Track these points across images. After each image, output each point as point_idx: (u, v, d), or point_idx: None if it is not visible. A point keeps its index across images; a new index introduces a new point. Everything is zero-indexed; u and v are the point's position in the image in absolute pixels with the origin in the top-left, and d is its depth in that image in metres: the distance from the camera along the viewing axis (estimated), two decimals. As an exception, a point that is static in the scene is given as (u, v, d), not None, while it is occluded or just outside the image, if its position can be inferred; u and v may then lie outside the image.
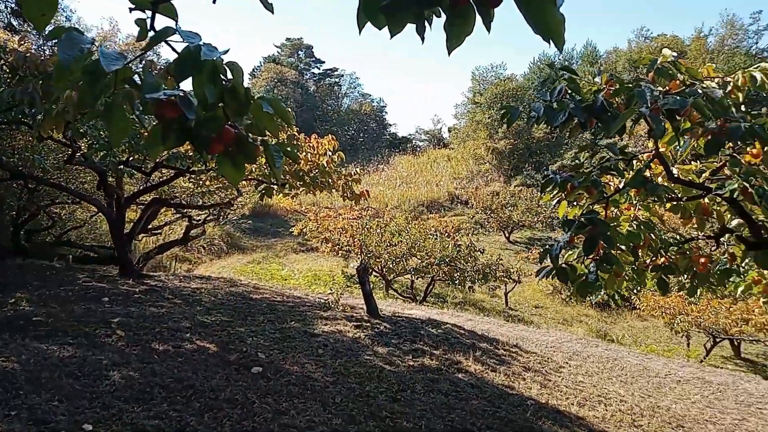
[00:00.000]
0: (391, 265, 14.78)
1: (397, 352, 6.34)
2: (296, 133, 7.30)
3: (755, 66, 3.28)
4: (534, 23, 1.22)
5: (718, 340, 12.00)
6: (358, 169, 8.12)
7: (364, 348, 6.32)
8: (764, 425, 6.13)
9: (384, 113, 58.76)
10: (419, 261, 14.92)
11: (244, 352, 5.57)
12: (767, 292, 4.35)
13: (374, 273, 15.47)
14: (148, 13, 1.53)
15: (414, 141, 53.89)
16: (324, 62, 59.92)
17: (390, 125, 59.18)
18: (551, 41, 1.25)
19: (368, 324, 7.41)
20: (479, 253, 15.70)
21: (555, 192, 3.59)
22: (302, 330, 6.74)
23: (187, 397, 4.25)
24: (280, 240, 22.77)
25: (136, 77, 1.57)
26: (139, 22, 1.52)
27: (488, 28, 1.28)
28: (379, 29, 1.42)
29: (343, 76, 59.76)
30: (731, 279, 4.01)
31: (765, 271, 4.27)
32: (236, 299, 8.39)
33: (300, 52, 58.93)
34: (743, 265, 4.03)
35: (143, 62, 4.27)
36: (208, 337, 5.93)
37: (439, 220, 22.90)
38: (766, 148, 3.39)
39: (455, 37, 1.34)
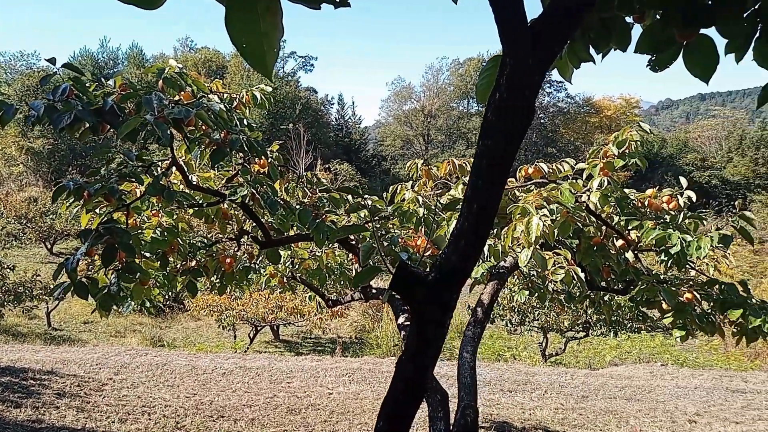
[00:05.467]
0: None
1: None
2: None
3: (256, 87, 3.73)
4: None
5: (259, 328, 13.40)
6: None
7: None
8: (290, 396, 7.12)
9: None
10: None
11: None
12: (282, 283, 5.05)
13: None
14: None
15: None
16: None
17: None
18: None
19: None
20: (9, 270, 13.47)
21: (71, 200, 3.31)
22: None
23: None
24: None
25: None
26: None
27: None
28: None
29: None
30: (250, 275, 4.48)
31: (279, 266, 4.95)
32: None
33: None
34: (258, 261, 4.55)
35: None
36: None
37: (-47, 233, 18.61)
38: (269, 160, 3.89)
39: None
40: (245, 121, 3.36)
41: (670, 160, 44.91)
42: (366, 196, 4.58)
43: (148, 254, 3.67)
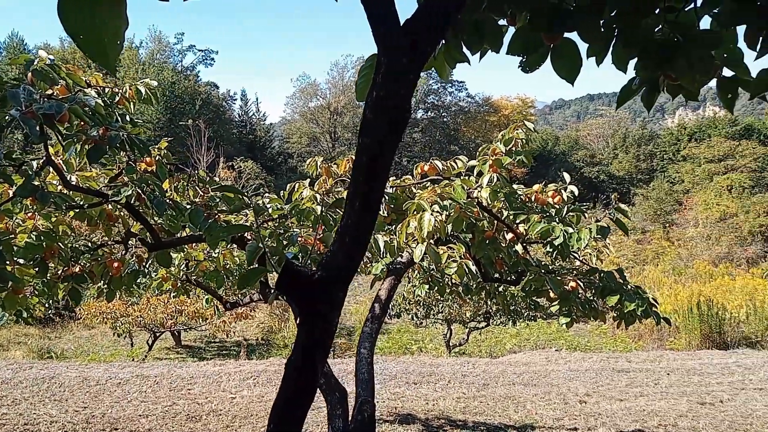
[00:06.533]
0: None
1: None
2: None
3: (141, 81, 3.54)
4: None
5: (158, 334, 12.81)
6: None
7: None
8: (190, 403, 6.86)
9: None
10: None
11: None
12: (175, 286, 4.85)
13: None
14: None
15: None
16: None
17: None
18: None
19: None
20: None
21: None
22: None
23: None
24: None
25: None
26: None
27: None
28: None
29: None
30: (140, 279, 4.26)
31: (172, 268, 4.75)
32: None
33: None
34: (149, 265, 4.34)
35: None
36: None
37: None
38: (157, 157, 3.72)
39: None
40: (127, 117, 3.18)
41: (562, 156, 47.67)
42: (266, 194, 4.50)
43: (22, 260, 3.39)
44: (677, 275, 22.19)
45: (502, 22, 1.76)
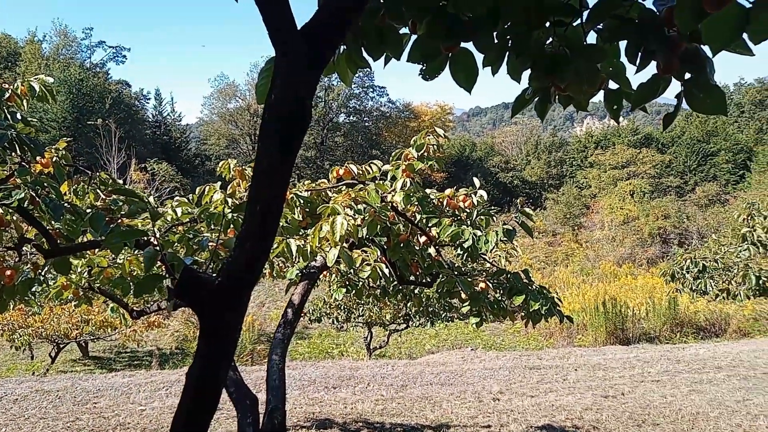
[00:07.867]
0: None
1: None
2: None
3: (35, 77, 3.34)
4: None
5: (62, 345, 12.06)
6: None
7: None
8: (96, 417, 6.50)
9: None
10: None
11: None
12: (77, 295, 4.57)
13: None
14: None
15: None
16: None
17: None
18: None
19: None
20: None
21: None
22: None
23: None
24: None
25: None
26: None
27: None
28: None
29: None
30: (35, 288, 4.00)
31: (73, 276, 4.48)
32: None
33: None
34: (46, 272, 4.08)
35: None
36: None
37: None
38: (54, 159, 3.52)
39: None
40: (18, 115, 2.98)
41: (479, 162, 49.15)
42: (177, 197, 4.36)
43: None
44: (585, 275, 23.41)
45: (405, 30, 1.79)
